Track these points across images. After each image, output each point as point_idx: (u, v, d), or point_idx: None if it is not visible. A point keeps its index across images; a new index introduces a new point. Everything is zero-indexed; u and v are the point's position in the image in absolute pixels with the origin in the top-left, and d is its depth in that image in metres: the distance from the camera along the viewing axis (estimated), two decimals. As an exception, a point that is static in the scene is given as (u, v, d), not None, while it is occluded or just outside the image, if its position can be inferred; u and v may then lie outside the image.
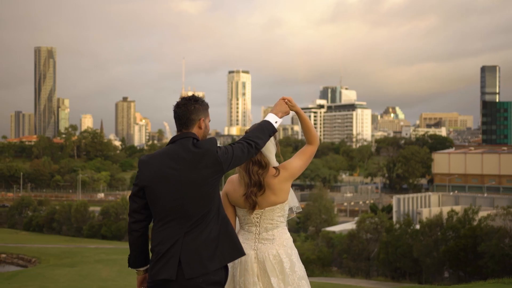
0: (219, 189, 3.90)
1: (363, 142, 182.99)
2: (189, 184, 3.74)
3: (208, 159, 3.74)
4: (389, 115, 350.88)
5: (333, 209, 61.06)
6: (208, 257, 3.72)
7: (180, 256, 3.71)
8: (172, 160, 3.79)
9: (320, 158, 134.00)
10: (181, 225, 3.76)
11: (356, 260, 38.45)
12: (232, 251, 3.83)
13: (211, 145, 3.79)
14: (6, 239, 61.62)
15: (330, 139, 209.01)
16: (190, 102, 3.94)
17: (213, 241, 3.76)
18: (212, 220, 3.78)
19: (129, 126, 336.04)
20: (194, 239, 3.74)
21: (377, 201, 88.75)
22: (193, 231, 3.75)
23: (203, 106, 3.96)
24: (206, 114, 3.98)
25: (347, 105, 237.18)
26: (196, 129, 3.92)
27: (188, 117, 3.91)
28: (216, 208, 3.82)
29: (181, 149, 3.80)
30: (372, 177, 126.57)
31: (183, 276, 3.70)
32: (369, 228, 39.45)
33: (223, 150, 3.79)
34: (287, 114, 4.14)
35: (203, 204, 3.76)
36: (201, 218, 3.77)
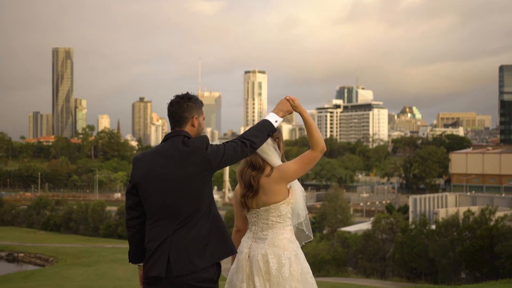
0: (211, 187, 3.88)
1: (380, 142, 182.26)
2: (178, 181, 3.77)
3: (196, 156, 3.76)
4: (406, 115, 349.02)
5: (349, 209, 60.82)
6: (197, 254, 3.74)
7: (169, 253, 3.75)
8: (162, 158, 3.83)
9: (336, 158, 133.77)
10: (171, 223, 3.80)
11: (371, 260, 38.30)
12: (223, 249, 3.84)
13: (199, 143, 3.80)
14: (24, 238, 62.26)
15: (346, 139, 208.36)
16: (183, 100, 3.97)
17: (203, 239, 3.77)
18: (202, 218, 3.80)
19: (146, 126, 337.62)
20: (183, 236, 3.77)
21: (393, 201, 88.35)
22: (182, 228, 3.78)
23: (196, 104, 3.99)
24: (200, 112, 4.00)
25: (364, 105, 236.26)
26: (189, 127, 3.94)
27: (180, 115, 3.93)
28: (207, 206, 3.84)
29: (171, 147, 3.84)
30: (388, 177, 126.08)
31: (172, 274, 3.75)
32: (384, 228, 39.28)
33: (213, 148, 3.79)
34: (289, 113, 4.11)
35: (192, 202, 3.78)
36: (190, 215, 3.79)
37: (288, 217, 4.14)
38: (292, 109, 4.09)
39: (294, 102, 4.06)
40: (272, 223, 4.13)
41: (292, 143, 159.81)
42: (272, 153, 4.18)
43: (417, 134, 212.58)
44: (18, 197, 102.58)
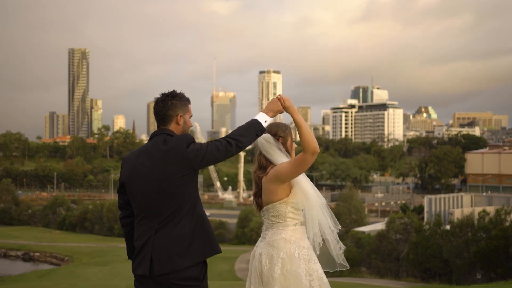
0: (195, 186, 3.85)
1: (395, 142, 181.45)
2: (158, 180, 3.77)
3: (175, 155, 3.75)
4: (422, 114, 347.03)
5: (364, 209, 60.60)
6: (179, 254, 3.73)
7: (152, 252, 3.77)
8: (144, 157, 3.84)
9: (351, 158, 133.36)
10: (153, 222, 3.81)
11: (385, 261, 38.16)
12: (206, 248, 3.82)
13: (179, 142, 3.78)
14: (40, 238, 62.76)
15: (361, 139, 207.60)
16: (168, 98, 3.94)
17: (186, 238, 3.75)
18: (185, 217, 3.78)
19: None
20: (165, 235, 3.76)
21: (408, 201, 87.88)
22: (164, 227, 3.78)
23: (181, 102, 3.95)
24: (185, 110, 3.97)
25: (379, 104, 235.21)
26: (174, 125, 3.92)
27: (165, 113, 3.91)
28: (190, 205, 3.81)
29: (153, 146, 3.84)
30: (403, 177, 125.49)
31: (155, 272, 3.77)
32: (398, 229, 39.11)
33: (195, 147, 3.75)
34: (279, 113, 4.05)
35: (173, 201, 3.77)
36: (172, 214, 3.78)
37: (289, 217, 4.10)
38: (283, 109, 4.04)
39: (285, 102, 4.00)
40: (272, 223, 4.13)
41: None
42: (274, 152, 4.15)
43: (432, 134, 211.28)
44: (34, 197, 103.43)
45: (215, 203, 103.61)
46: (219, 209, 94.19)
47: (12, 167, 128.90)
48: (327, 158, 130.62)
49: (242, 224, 59.93)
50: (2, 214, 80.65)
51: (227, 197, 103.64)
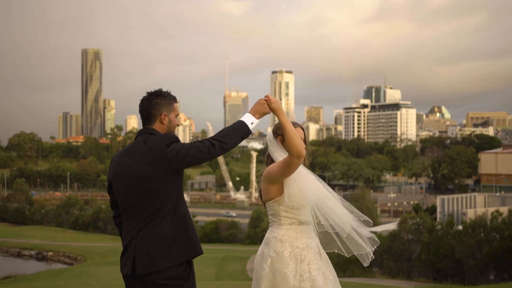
0: (178, 186, 3.84)
1: (408, 142, 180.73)
2: (139, 179, 3.77)
3: (154, 155, 3.74)
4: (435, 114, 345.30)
5: (376, 209, 60.44)
6: (160, 255, 3.72)
7: (135, 252, 3.77)
8: (127, 156, 3.86)
9: (364, 158, 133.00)
10: (136, 221, 3.82)
11: (397, 261, 38.01)
12: (187, 250, 3.80)
13: (159, 141, 3.77)
14: (53, 237, 63.20)
15: (374, 139, 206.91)
16: (152, 97, 3.92)
17: (167, 239, 3.74)
18: (166, 218, 3.77)
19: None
20: (147, 235, 3.76)
21: (421, 201, 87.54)
22: (146, 227, 3.78)
23: (165, 101, 3.93)
24: (170, 109, 3.95)
25: (392, 104, 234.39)
26: (158, 124, 3.91)
27: (149, 112, 3.91)
28: (172, 206, 3.80)
29: (135, 145, 3.86)
30: (416, 177, 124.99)
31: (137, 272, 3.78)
32: (410, 229, 38.94)
33: (175, 147, 3.73)
34: (266, 115, 4.00)
35: (152, 200, 3.76)
36: (153, 214, 3.77)
37: (283, 216, 4.09)
38: (269, 111, 3.99)
39: (272, 104, 3.95)
40: (270, 221, 4.18)
41: (319, 143, 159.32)
42: (275, 151, 4.16)
43: (446, 134, 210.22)
44: (47, 197, 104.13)
45: (227, 203, 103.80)
46: (231, 209, 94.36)
47: (26, 167, 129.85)
48: (339, 158, 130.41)
49: (254, 224, 59.98)
50: (16, 213, 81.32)
51: (239, 197, 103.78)
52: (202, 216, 77.80)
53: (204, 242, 61.43)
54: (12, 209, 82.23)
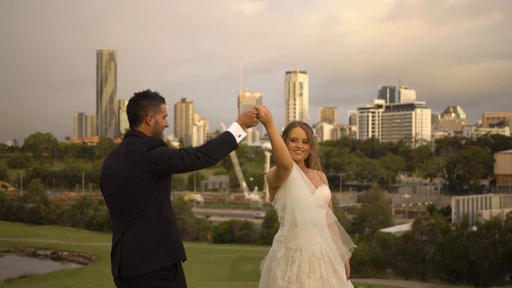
0: (163, 189, 3.80)
1: (422, 142, 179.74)
2: (121, 182, 3.76)
3: (134, 157, 3.72)
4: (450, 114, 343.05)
5: (390, 210, 60.20)
6: (143, 259, 3.71)
7: (120, 256, 3.78)
8: (112, 158, 3.86)
9: (378, 159, 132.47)
10: (120, 223, 3.83)
11: (411, 262, 37.83)
12: (170, 254, 3.75)
13: (141, 144, 3.73)
14: (68, 237, 63.58)
15: (388, 140, 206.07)
16: (139, 98, 3.90)
17: (150, 243, 3.72)
18: (150, 221, 3.74)
19: (188, 127, 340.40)
20: (131, 238, 3.75)
21: (436, 202, 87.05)
22: (130, 230, 3.77)
23: (152, 102, 3.90)
24: (157, 110, 3.92)
25: (406, 104, 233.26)
26: (144, 126, 3.88)
27: (135, 113, 3.89)
28: (156, 209, 3.76)
29: (120, 147, 3.85)
30: (431, 177, 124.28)
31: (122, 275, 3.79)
32: (424, 230, 38.73)
33: (158, 152, 3.70)
34: (252, 126, 4.00)
35: (135, 203, 3.75)
36: (136, 217, 3.76)
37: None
38: (257, 123, 3.99)
39: (261, 117, 3.95)
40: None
41: (333, 144, 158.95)
42: None
43: (461, 134, 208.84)
44: (63, 197, 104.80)
45: (241, 203, 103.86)
46: (245, 209, 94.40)
47: (41, 167, 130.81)
48: (353, 158, 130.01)
49: (267, 225, 59.94)
50: (32, 213, 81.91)
51: (253, 197, 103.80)
52: (216, 216, 77.91)
53: (218, 242, 61.55)
54: (28, 209, 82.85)
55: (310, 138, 4.23)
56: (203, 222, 66.93)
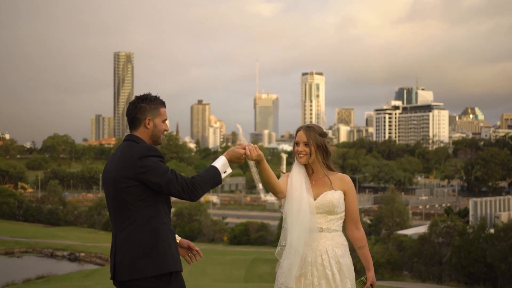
0: (151, 199, 3.76)
1: (440, 144, 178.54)
2: (112, 186, 3.79)
3: (124, 163, 3.74)
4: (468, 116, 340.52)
5: (407, 212, 59.85)
6: (128, 266, 3.72)
7: (115, 258, 3.80)
8: (109, 162, 3.90)
9: (395, 160, 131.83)
10: (114, 226, 3.85)
11: (427, 264, 37.56)
12: (156, 265, 3.72)
13: (133, 152, 3.74)
14: (85, 238, 64.01)
15: (405, 141, 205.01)
16: (138, 101, 3.93)
17: (136, 250, 3.72)
18: (138, 229, 3.74)
19: (204, 129, 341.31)
20: (122, 242, 3.76)
21: (453, 204, 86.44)
22: (121, 233, 3.78)
23: (151, 106, 3.91)
24: (156, 114, 3.92)
25: (423, 106, 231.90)
26: (142, 129, 3.89)
27: (133, 116, 3.91)
28: (144, 218, 3.75)
29: (117, 152, 3.88)
30: (449, 179, 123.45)
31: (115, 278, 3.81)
32: (441, 232, 38.46)
33: (150, 165, 3.68)
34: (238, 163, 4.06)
35: (123, 208, 3.76)
36: (124, 222, 3.77)
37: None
38: (242, 162, 4.04)
39: (253, 157, 4.01)
40: None
41: (350, 145, 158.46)
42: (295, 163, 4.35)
43: (479, 136, 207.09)
44: (80, 198, 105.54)
45: (257, 205, 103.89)
46: (261, 211, 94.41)
47: (59, 169, 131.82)
48: (370, 160, 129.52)
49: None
50: (50, 214, 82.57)
51: (269, 199, 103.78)
52: (232, 218, 78.03)
53: (234, 244, 61.64)
54: (46, 210, 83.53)
55: (312, 141, 4.18)
56: (219, 223, 67.07)
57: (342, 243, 4.16)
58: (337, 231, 4.16)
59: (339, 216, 4.15)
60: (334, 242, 4.12)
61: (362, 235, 4.20)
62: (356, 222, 4.20)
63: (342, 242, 4.17)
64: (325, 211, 4.12)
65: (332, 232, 4.14)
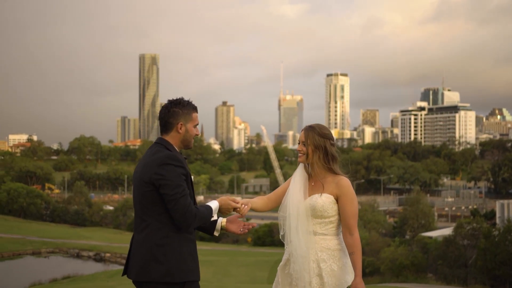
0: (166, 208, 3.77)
1: (466, 145, 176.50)
2: (136, 187, 3.87)
3: (145, 171, 3.78)
4: (495, 117, 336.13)
5: (432, 213, 59.26)
6: (142, 267, 3.76)
7: (130, 257, 3.89)
8: (141, 160, 3.95)
9: (420, 162, 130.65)
10: (135, 225, 3.92)
11: (452, 267, 37.15)
12: (164, 273, 3.73)
13: (154, 158, 3.79)
14: (111, 239, 64.55)
15: (431, 142, 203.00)
16: (171, 105, 3.95)
17: (147, 254, 3.75)
18: (151, 233, 3.78)
19: (229, 130, 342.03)
20: (137, 243, 3.83)
21: (480, 206, 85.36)
22: (137, 235, 3.86)
23: (184, 111, 3.94)
24: (188, 119, 3.96)
25: (450, 107, 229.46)
26: (174, 133, 3.92)
27: (166, 120, 3.94)
28: (158, 223, 3.78)
29: (145, 155, 3.93)
30: (475, 181, 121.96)
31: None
32: (466, 234, 38.03)
33: (167, 172, 3.72)
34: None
35: (141, 211, 3.83)
36: (141, 224, 3.83)
37: None
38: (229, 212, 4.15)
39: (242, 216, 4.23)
40: None
41: (375, 146, 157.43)
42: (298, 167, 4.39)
43: (507, 137, 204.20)
44: (106, 199, 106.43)
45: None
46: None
47: (85, 170, 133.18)
48: (395, 161, 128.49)
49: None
50: (76, 215, 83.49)
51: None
52: (256, 219, 77.95)
53: (258, 245, 61.69)
54: (72, 211, 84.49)
55: (310, 141, 4.16)
56: (243, 225, 67.14)
57: (328, 247, 4.08)
58: (325, 235, 4.09)
59: (328, 220, 4.09)
60: (318, 245, 4.07)
61: (353, 241, 4.03)
62: (349, 227, 4.05)
63: (330, 246, 4.09)
64: (311, 214, 4.09)
65: (318, 235, 4.09)
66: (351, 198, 4.08)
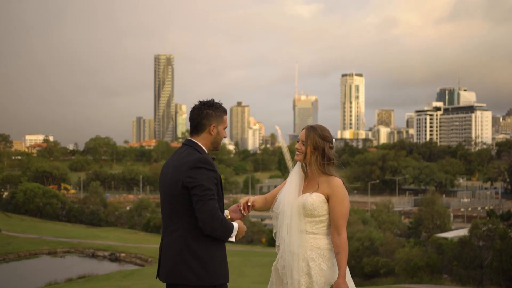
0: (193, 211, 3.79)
1: (482, 145, 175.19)
2: (167, 189, 3.87)
3: (177, 174, 3.79)
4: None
5: (447, 214, 58.87)
6: (171, 269, 3.81)
7: (160, 259, 3.94)
8: (168, 164, 3.96)
9: (436, 162, 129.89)
10: (164, 227, 3.95)
11: (467, 268, 36.87)
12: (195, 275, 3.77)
13: (186, 161, 3.80)
14: (126, 239, 64.83)
15: (447, 143, 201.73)
16: (204, 107, 3.96)
17: (177, 257, 3.79)
18: (179, 236, 3.80)
19: (243, 130, 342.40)
20: (165, 246, 3.87)
21: (496, 207, 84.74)
22: (166, 237, 3.89)
23: (216, 113, 3.97)
24: (220, 121, 3.98)
25: (466, 107, 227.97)
26: (205, 135, 3.93)
27: (199, 121, 3.95)
28: (186, 226, 3.80)
29: (175, 156, 3.95)
30: (492, 181, 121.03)
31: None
32: (482, 235, 37.73)
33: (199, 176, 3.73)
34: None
35: (169, 213, 3.85)
36: (170, 227, 3.85)
37: None
38: None
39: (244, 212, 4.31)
40: None
41: (390, 147, 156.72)
42: (295, 167, 4.36)
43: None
44: (121, 199, 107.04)
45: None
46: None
47: (101, 170, 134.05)
48: (410, 161, 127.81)
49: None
50: (91, 215, 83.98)
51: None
52: (270, 219, 78.05)
53: (272, 245, 61.14)
54: (88, 211, 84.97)
55: (310, 141, 4.17)
56: (257, 225, 67.14)
57: (318, 247, 4.10)
58: (316, 234, 4.11)
59: (318, 219, 4.11)
60: (308, 244, 4.09)
61: (340, 242, 4.03)
62: (338, 227, 4.05)
63: (320, 245, 4.10)
64: (302, 213, 4.11)
65: (309, 234, 4.11)
66: (341, 199, 4.08)
